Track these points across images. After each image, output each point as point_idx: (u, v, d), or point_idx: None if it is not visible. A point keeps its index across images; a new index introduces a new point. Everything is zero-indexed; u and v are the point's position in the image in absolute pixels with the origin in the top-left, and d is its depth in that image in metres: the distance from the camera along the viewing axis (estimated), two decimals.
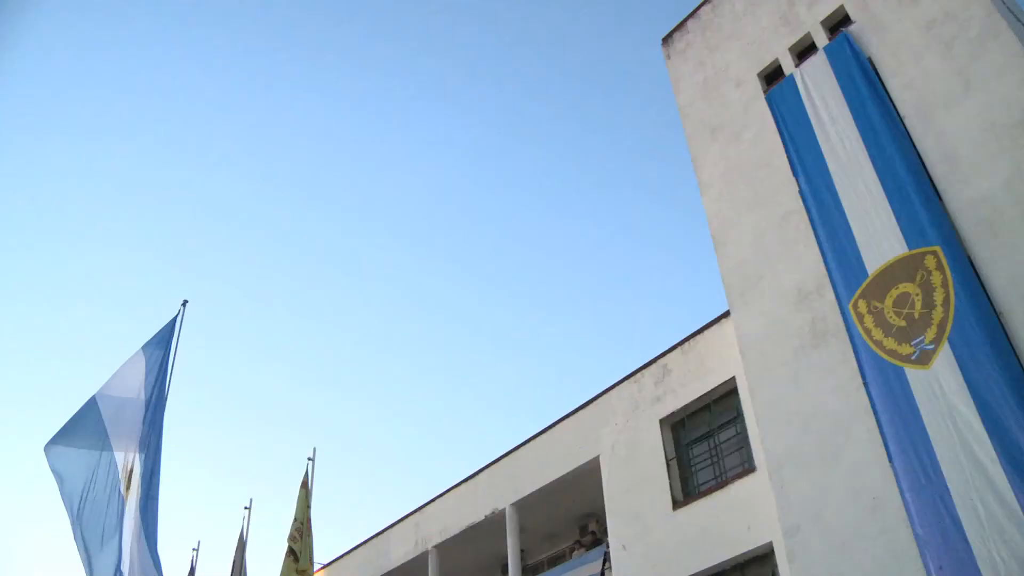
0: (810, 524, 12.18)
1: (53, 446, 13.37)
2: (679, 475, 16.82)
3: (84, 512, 13.00)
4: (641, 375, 18.12)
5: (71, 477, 13.25)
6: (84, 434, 13.43)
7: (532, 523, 20.91)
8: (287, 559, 17.20)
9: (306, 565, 17.07)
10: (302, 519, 17.57)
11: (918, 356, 10.37)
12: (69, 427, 13.58)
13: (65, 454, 13.38)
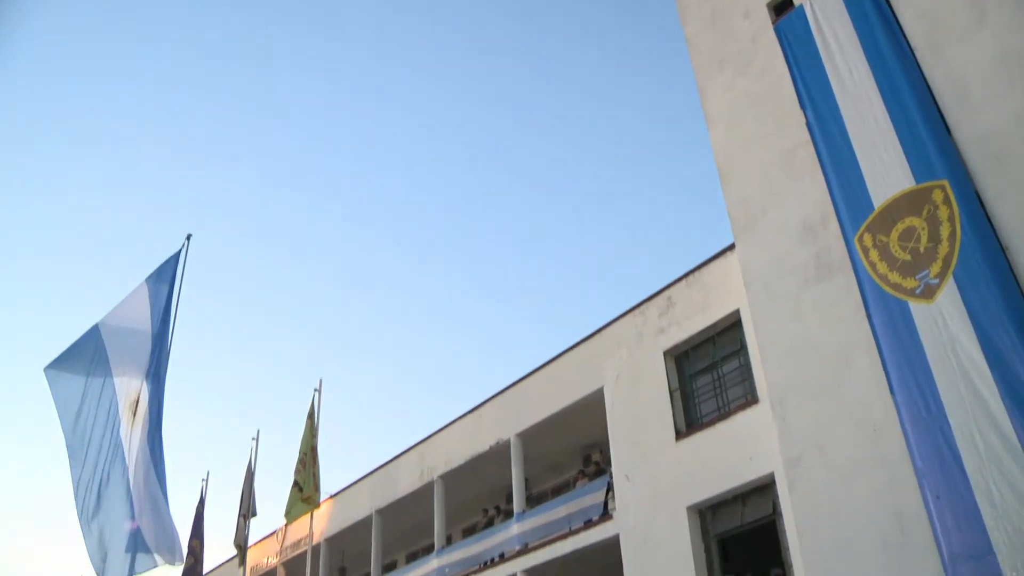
0: (811, 455, 12.35)
1: (52, 369, 13.50)
2: (682, 406, 17.00)
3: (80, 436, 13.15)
4: (645, 307, 18.19)
5: (69, 400, 13.39)
6: (84, 359, 13.53)
7: (536, 453, 21.21)
8: (293, 489, 17.52)
9: (311, 492, 17.37)
10: (307, 449, 17.83)
11: (922, 290, 10.40)
12: (69, 352, 13.68)
13: (64, 377, 13.51)
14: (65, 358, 13.66)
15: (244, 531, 20.45)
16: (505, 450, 21.09)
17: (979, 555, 9.30)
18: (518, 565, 19.62)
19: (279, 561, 28.87)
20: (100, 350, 13.52)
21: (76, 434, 13.16)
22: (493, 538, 21.04)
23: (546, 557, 19.12)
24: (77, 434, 13.15)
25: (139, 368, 13.21)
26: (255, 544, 28.14)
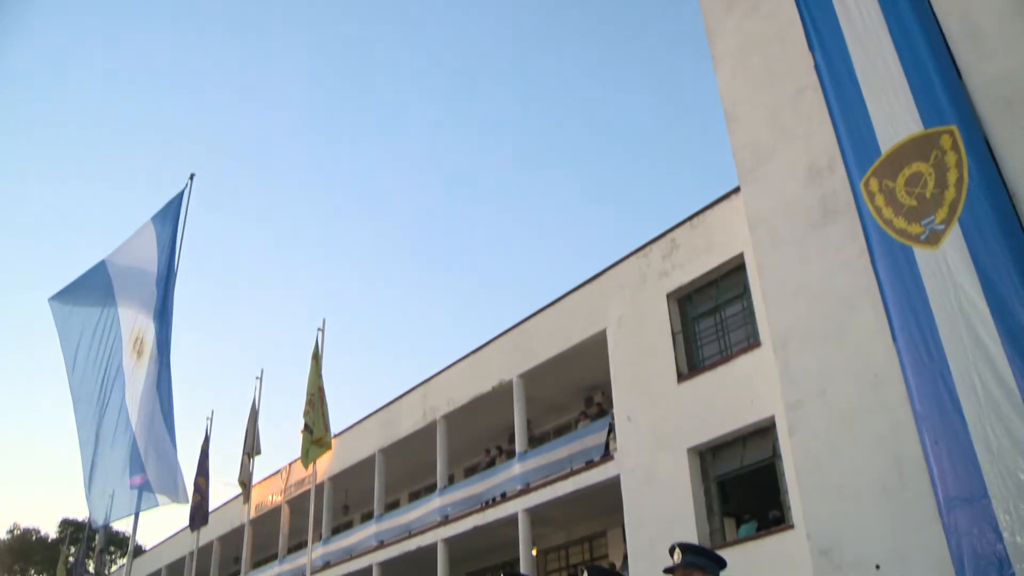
0: (812, 399, 12.43)
1: (57, 301, 13.52)
2: (684, 349, 17.08)
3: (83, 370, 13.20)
4: (649, 249, 18.18)
5: (73, 333, 13.42)
6: (90, 293, 13.51)
7: (539, 394, 21.37)
8: (304, 433, 17.64)
9: (321, 434, 17.46)
10: (314, 390, 17.91)
11: (927, 236, 10.34)
12: (75, 285, 13.65)
13: (68, 309, 13.52)
14: (71, 290, 13.65)
15: (248, 469, 20.66)
16: (507, 391, 21.25)
17: (974, 498, 9.37)
18: (519, 504, 19.90)
19: (283, 499, 29.28)
20: (107, 286, 13.51)
21: (78, 368, 13.20)
22: (495, 478, 21.30)
23: (547, 497, 19.38)
24: (79, 368, 13.19)
25: (145, 307, 13.21)
26: (260, 483, 28.50)
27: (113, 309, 13.31)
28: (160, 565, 38.32)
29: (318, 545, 25.37)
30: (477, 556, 23.36)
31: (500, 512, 20.47)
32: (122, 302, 13.33)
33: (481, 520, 21.01)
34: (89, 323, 13.35)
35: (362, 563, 24.83)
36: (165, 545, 39.16)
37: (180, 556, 34.86)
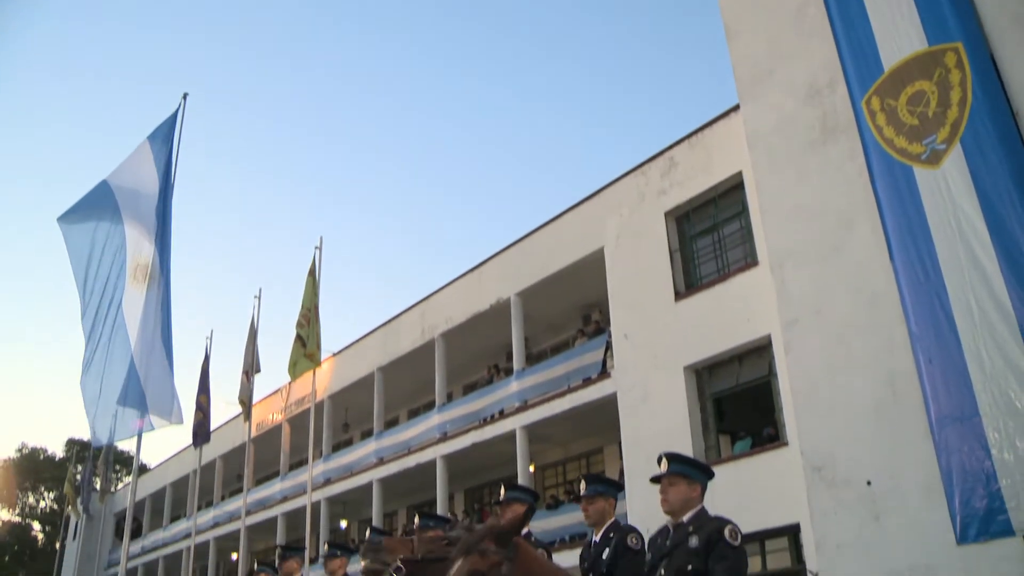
0: (808, 317, 12.49)
1: (65, 221, 13.46)
2: (682, 267, 17.10)
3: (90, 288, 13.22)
4: (647, 167, 18.05)
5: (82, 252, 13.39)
6: (97, 212, 13.41)
7: (536, 312, 21.46)
8: (296, 344, 17.76)
9: (313, 349, 17.61)
10: (309, 306, 17.98)
11: (928, 155, 10.28)
12: (81, 205, 13.54)
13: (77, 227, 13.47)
14: (77, 209, 13.55)
15: (248, 388, 20.85)
16: (505, 309, 21.33)
17: (965, 417, 9.54)
18: (517, 421, 20.14)
19: (284, 418, 29.62)
20: (113, 206, 13.41)
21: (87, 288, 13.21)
22: (493, 395, 21.52)
23: (544, 414, 19.60)
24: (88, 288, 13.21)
25: (148, 230, 13.15)
26: (260, 401, 28.80)
27: (120, 229, 13.26)
28: (165, 483, 38.98)
29: (319, 462, 25.72)
30: (475, 472, 23.77)
31: (498, 429, 20.73)
32: (128, 223, 13.27)
33: (479, 437, 21.30)
34: (97, 243, 13.31)
35: (362, 480, 25.25)
36: (169, 463, 39.78)
37: (184, 474, 35.44)
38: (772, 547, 14.44)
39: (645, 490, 14.79)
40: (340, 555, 7.21)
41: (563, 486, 22.95)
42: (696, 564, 4.02)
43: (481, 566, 3.38)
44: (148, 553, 38.38)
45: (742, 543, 4.08)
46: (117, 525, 42.66)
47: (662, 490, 4.34)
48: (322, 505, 26.26)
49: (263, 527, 29.96)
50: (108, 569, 41.86)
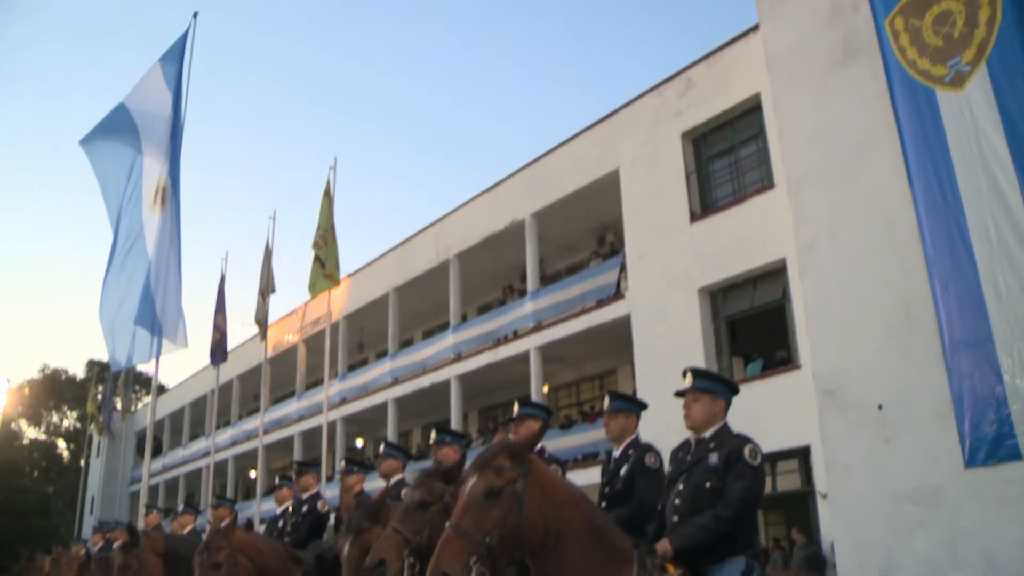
0: (824, 241, 12.41)
1: (87, 144, 13.45)
2: (698, 189, 16.98)
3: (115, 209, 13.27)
4: (664, 88, 17.79)
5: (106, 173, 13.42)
6: (117, 135, 13.38)
7: (551, 233, 21.41)
8: (314, 265, 17.84)
9: (332, 270, 17.69)
10: (326, 226, 18.00)
11: (952, 78, 10.06)
12: (102, 128, 13.52)
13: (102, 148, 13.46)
14: (98, 133, 13.53)
15: (264, 308, 21.00)
16: (520, 229, 21.29)
17: (979, 343, 9.53)
18: (531, 342, 20.27)
19: (299, 338, 29.86)
20: (132, 129, 13.37)
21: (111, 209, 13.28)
22: (507, 315, 21.62)
23: (559, 335, 19.72)
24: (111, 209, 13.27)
25: (162, 151, 13.15)
26: (276, 322, 29.03)
27: (139, 155, 13.26)
28: (183, 402, 39.61)
29: (334, 382, 26.02)
30: (489, 392, 24.01)
31: (512, 349, 20.88)
32: (146, 147, 13.26)
33: (493, 357, 21.47)
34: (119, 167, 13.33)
35: (377, 399, 25.58)
36: (188, 383, 40.35)
37: (202, 393, 35.95)
38: (783, 468, 14.65)
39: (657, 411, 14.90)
40: (357, 471, 7.31)
41: (576, 407, 23.19)
42: (714, 482, 4.03)
43: (496, 482, 3.40)
44: (169, 471, 39.22)
45: (761, 463, 4.08)
46: (138, 444, 43.52)
47: (686, 405, 4.31)
48: (338, 424, 26.66)
49: (280, 446, 30.50)
50: (131, 485, 42.85)
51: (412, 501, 4.11)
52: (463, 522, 3.29)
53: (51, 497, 50.16)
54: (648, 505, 4.74)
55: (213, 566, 5.70)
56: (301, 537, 6.95)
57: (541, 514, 3.42)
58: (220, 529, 5.99)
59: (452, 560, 3.16)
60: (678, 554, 3.79)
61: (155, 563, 6.97)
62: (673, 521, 4.11)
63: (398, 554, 3.84)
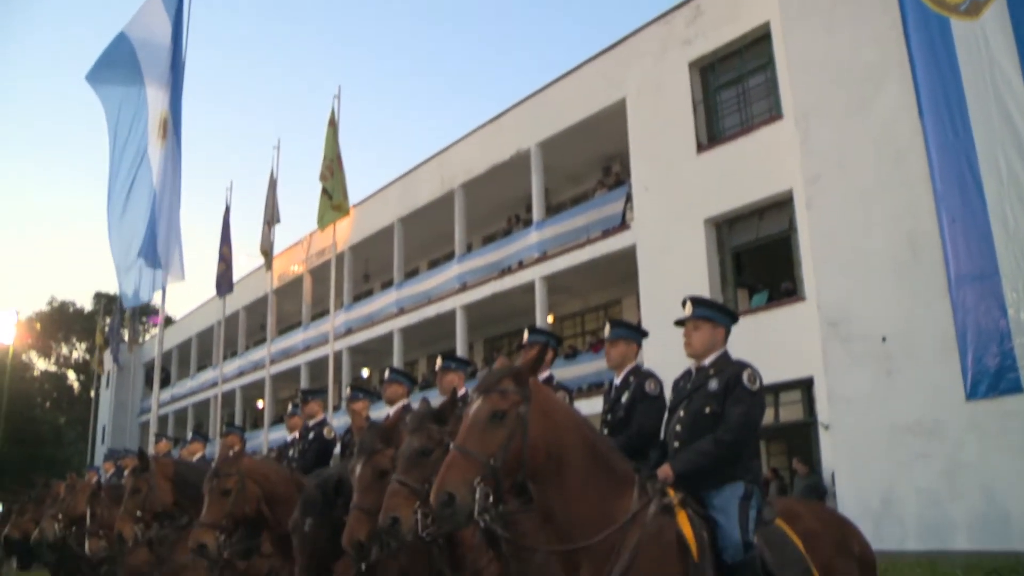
0: (831, 173, 12.33)
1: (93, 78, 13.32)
2: (705, 119, 16.80)
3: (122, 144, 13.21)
4: (672, 16, 17.48)
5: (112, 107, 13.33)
6: (120, 67, 13.25)
7: (556, 163, 21.24)
8: (322, 198, 17.76)
9: (340, 200, 17.62)
10: (332, 157, 17.86)
11: (967, 6, 9.87)
12: (105, 59, 13.35)
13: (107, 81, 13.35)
14: (101, 65, 13.38)
15: (269, 238, 20.99)
16: (525, 160, 21.13)
17: (984, 276, 9.54)
18: (536, 272, 20.26)
19: (305, 269, 29.85)
20: (133, 60, 13.22)
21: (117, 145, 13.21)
22: (512, 245, 21.57)
23: (564, 265, 19.70)
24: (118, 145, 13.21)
25: (163, 82, 13.02)
26: (281, 253, 29.01)
27: (142, 87, 13.14)
28: (190, 334, 39.80)
29: (340, 312, 26.09)
30: (495, 323, 24.08)
31: (517, 279, 20.89)
32: (148, 79, 13.12)
33: (499, 287, 21.49)
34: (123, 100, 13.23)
35: (383, 329, 25.67)
36: (194, 315, 40.50)
37: (208, 325, 36.10)
38: (785, 400, 14.75)
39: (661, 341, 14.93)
40: (362, 397, 7.37)
41: (581, 337, 23.29)
42: (714, 407, 4.05)
43: (500, 405, 3.42)
44: (177, 401, 39.60)
45: (760, 388, 4.09)
46: (147, 375, 43.83)
47: (686, 333, 4.31)
48: (344, 354, 26.82)
49: (287, 376, 30.72)
50: (140, 416, 43.31)
51: (412, 449, 4.09)
52: (467, 444, 3.33)
53: (63, 427, 50.78)
54: (647, 431, 4.78)
55: (222, 492, 5.80)
56: (308, 464, 7.05)
57: (544, 437, 3.46)
58: (229, 456, 6.07)
59: (457, 481, 3.21)
60: (679, 479, 3.84)
61: (164, 487, 7.14)
62: (674, 447, 4.16)
63: (410, 508, 3.85)
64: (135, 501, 7.15)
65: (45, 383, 58.73)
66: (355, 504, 4.50)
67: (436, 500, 3.21)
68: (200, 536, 5.70)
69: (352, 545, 4.39)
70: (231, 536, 5.82)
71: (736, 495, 3.87)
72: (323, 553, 4.96)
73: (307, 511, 5.05)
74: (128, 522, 7.11)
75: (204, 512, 5.78)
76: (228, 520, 5.77)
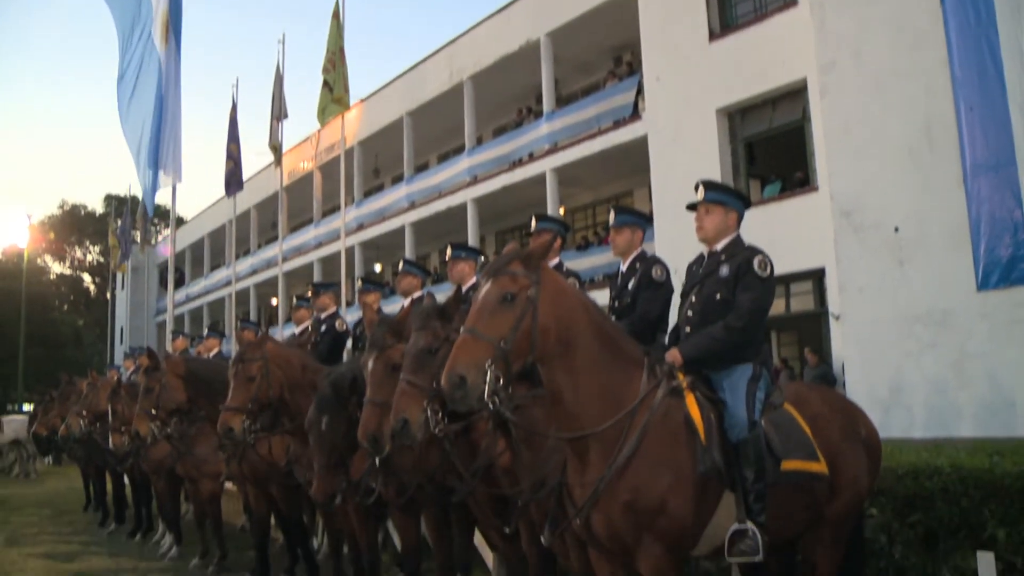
0: (847, 60, 12.06)
1: None
2: (717, 6, 16.42)
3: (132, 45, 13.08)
4: None
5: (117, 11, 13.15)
6: None
7: (567, 53, 20.86)
8: (323, 90, 17.53)
9: (341, 93, 17.39)
10: (334, 49, 17.57)
11: None
12: None
13: None
14: None
15: (277, 134, 20.83)
16: (535, 50, 20.74)
17: (1000, 165, 9.42)
18: (547, 164, 20.13)
19: (315, 165, 29.68)
20: None
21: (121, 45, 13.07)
22: (523, 137, 21.36)
23: (575, 156, 19.55)
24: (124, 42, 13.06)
25: None
26: (290, 150, 28.81)
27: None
28: (202, 234, 39.92)
29: (351, 208, 26.06)
30: (506, 215, 24.02)
31: (528, 171, 20.78)
32: None
33: (509, 180, 21.39)
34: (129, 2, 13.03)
35: (394, 224, 25.68)
36: (205, 214, 40.54)
37: (220, 224, 36.11)
38: (797, 290, 14.80)
39: (673, 232, 14.96)
40: (374, 290, 7.41)
41: (592, 228, 23.27)
42: (725, 293, 4.05)
43: (510, 288, 3.42)
44: (192, 301, 39.98)
45: (771, 274, 4.06)
46: (161, 275, 44.13)
47: (698, 218, 4.27)
48: (356, 250, 26.92)
49: (300, 273, 30.88)
50: (157, 316, 43.84)
51: (418, 348, 4.10)
52: (478, 326, 3.34)
53: (81, 329, 51.34)
54: (651, 316, 4.77)
55: (248, 378, 5.91)
56: (321, 356, 7.10)
57: (553, 320, 3.47)
58: (254, 341, 6.15)
59: (468, 363, 3.23)
60: (688, 364, 3.88)
61: (176, 384, 7.33)
62: (685, 332, 4.17)
63: (419, 407, 3.89)
64: (149, 400, 7.38)
65: (62, 286, 59.20)
66: (368, 399, 4.57)
67: (447, 382, 3.23)
68: (228, 420, 5.86)
69: (367, 439, 4.48)
70: (255, 420, 5.97)
71: (744, 376, 3.91)
72: (340, 448, 5.07)
73: (323, 409, 5.13)
74: (144, 420, 7.36)
75: (230, 397, 5.92)
76: (254, 405, 5.90)
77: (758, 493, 3.68)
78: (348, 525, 6.26)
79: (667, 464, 3.55)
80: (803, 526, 4.06)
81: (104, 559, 9.10)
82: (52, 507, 14.31)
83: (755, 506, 3.67)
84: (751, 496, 3.67)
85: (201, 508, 8.64)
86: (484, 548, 6.77)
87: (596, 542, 3.68)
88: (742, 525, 3.66)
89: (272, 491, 7.26)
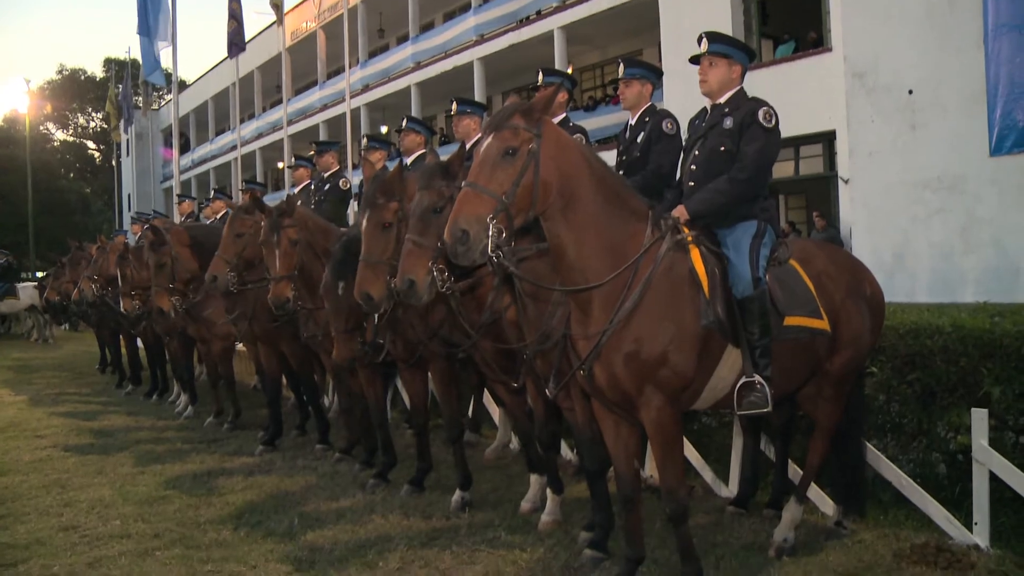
0: None
1: None
2: None
3: None
4: None
5: None
6: None
7: None
8: None
9: None
10: None
11: None
12: None
13: None
14: None
15: None
16: None
17: None
18: (555, 22, 19.68)
19: (318, 25, 28.94)
20: None
21: None
22: None
23: (583, 13, 19.10)
24: None
25: None
26: (292, 9, 28.08)
27: None
28: (205, 97, 39.23)
29: (355, 69, 25.61)
30: (513, 75, 23.56)
31: (536, 29, 20.34)
32: None
33: (516, 38, 20.95)
34: None
35: (400, 84, 25.27)
36: (208, 77, 39.74)
37: (223, 87, 35.51)
38: (806, 153, 14.61)
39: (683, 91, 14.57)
40: (379, 148, 7.32)
41: (600, 88, 22.89)
42: (729, 145, 3.99)
43: (511, 142, 3.37)
44: (198, 165, 39.67)
45: (776, 125, 4.00)
46: (166, 141, 43.59)
47: (701, 71, 4.16)
48: (361, 111, 26.55)
49: (305, 135, 30.48)
50: (163, 182, 43.56)
51: (423, 207, 4.04)
52: (479, 180, 3.31)
53: (89, 197, 51.10)
54: (664, 171, 4.73)
55: (291, 243, 5.92)
56: (324, 215, 7.01)
57: (556, 173, 3.43)
58: (285, 204, 6.12)
59: (470, 217, 3.21)
60: (694, 218, 3.86)
61: (185, 254, 7.51)
62: (689, 187, 4.13)
63: (424, 267, 3.87)
64: (164, 275, 7.47)
65: (66, 154, 58.54)
66: (361, 258, 4.58)
67: (450, 236, 3.22)
68: (282, 292, 5.91)
69: (361, 297, 4.49)
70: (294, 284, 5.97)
71: (749, 233, 3.88)
72: (357, 312, 5.05)
73: (338, 274, 5.09)
74: (164, 296, 7.52)
75: (278, 266, 5.93)
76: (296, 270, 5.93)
77: (764, 348, 3.71)
78: (356, 383, 6.33)
79: (670, 317, 3.56)
80: (804, 381, 4.11)
81: (123, 418, 9.31)
82: (71, 370, 14.61)
83: (760, 361, 3.71)
84: (757, 351, 3.71)
85: (214, 368, 8.80)
86: (492, 406, 6.94)
87: (599, 393, 3.72)
88: (750, 378, 3.71)
89: (284, 350, 7.38)
